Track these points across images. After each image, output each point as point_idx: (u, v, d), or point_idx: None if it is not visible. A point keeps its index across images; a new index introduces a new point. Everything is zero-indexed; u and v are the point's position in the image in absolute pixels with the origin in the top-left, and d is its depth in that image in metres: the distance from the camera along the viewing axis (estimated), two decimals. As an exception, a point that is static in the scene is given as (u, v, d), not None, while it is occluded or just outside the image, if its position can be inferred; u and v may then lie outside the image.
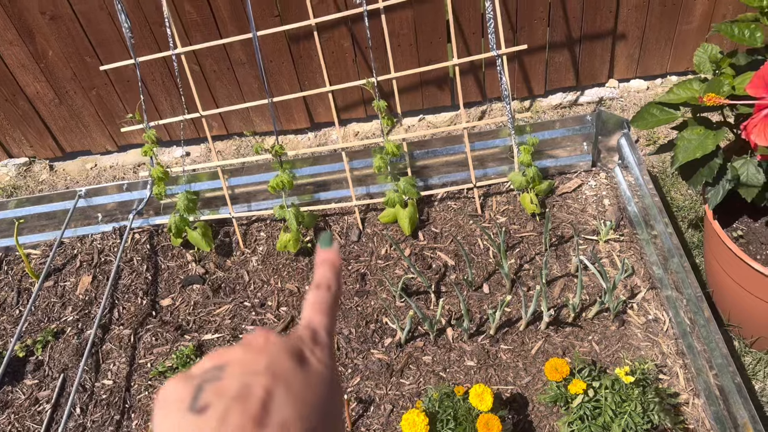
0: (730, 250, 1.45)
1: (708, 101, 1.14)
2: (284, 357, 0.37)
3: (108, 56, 2.35)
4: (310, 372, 0.37)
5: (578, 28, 2.36)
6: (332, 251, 0.46)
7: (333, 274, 0.45)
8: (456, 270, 1.83)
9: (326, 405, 0.37)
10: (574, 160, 2.01)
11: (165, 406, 0.35)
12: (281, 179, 1.88)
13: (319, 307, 0.42)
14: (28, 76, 2.41)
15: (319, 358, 0.38)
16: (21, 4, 2.19)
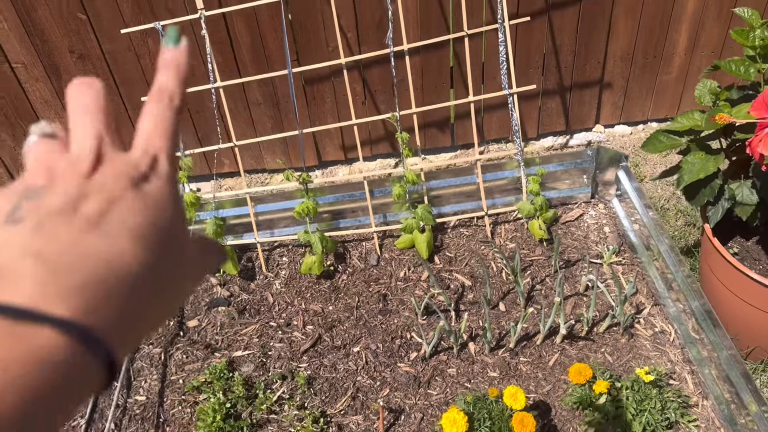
0: (730, 263, 1.62)
1: (720, 120, 1.33)
2: (115, 180, 0.33)
3: (130, 94, 2.47)
4: (144, 194, 0.33)
5: (569, 76, 2.59)
6: (180, 50, 0.39)
7: (178, 81, 0.38)
8: (473, 290, 1.95)
9: (163, 226, 0.33)
10: (574, 192, 2.18)
11: None
12: (307, 205, 1.99)
13: (162, 127, 0.37)
14: (50, 111, 2.50)
15: (156, 186, 0.34)
16: (52, 43, 2.31)
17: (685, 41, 2.51)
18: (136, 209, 0.32)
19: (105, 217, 0.31)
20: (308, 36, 2.35)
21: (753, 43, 1.40)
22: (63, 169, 0.33)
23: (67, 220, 0.30)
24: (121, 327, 0.30)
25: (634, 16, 2.43)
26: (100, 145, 0.35)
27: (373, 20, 2.33)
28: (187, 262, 0.36)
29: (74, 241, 0.30)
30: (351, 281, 2.04)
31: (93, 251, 0.30)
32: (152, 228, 0.33)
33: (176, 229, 0.35)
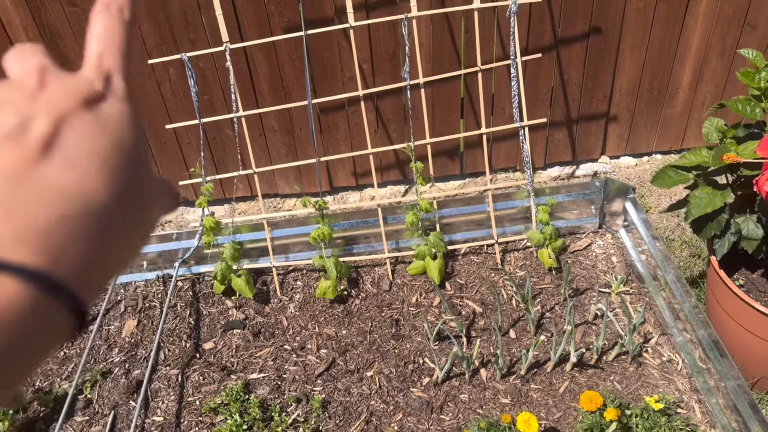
0: (736, 295, 1.66)
1: (728, 160, 1.39)
2: (66, 99, 0.30)
3: (149, 120, 2.53)
4: (102, 118, 0.30)
5: (576, 109, 2.66)
6: None
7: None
8: (484, 317, 2.00)
9: (124, 150, 0.31)
10: (582, 222, 2.24)
11: None
12: (322, 231, 2.05)
13: (113, 42, 0.33)
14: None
15: (113, 106, 0.32)
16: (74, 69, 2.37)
17: (689, 77, 2.59)
18: (95, 132, 0.30)
19: (59, 141, 0.28)
20: (324, 67, 2.43)
21: (758, 85, 1.47)
22: (3, 93, 0.30)
23: (17, 146, 0.27)
24: (87, 269, 0.28)
25: (639, 52, 2.51)
26: (43, 67, 0.32)
27: (387, 53, 2.41)
28: (149, 195, 0.33)
29: (29, 171, 0.27)
30: (364, 306, 2.08)
31: (53, 183, 0.27)
32: (115, 152, 0.30)
33: (139, 154, 0.32)
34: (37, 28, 2.26)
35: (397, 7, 2.30)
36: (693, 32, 2.47)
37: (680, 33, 2.47)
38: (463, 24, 2.37)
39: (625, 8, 2.38)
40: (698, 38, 2.49)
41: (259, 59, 2.38)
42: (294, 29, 2.29)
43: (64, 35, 2.29)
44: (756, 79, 1.48)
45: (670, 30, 2.46)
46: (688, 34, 2.48)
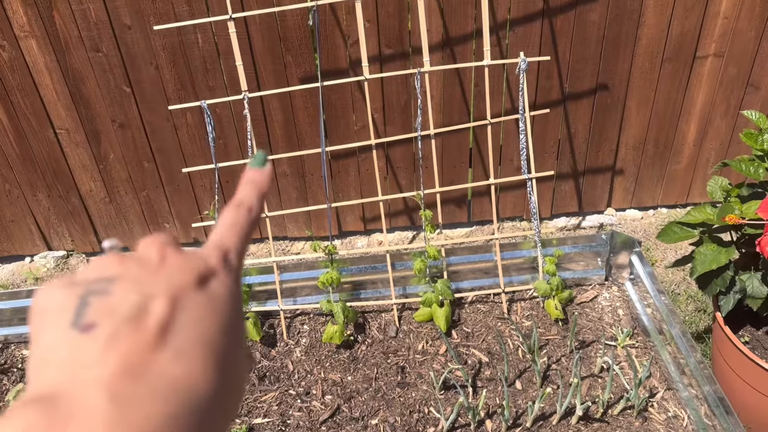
0: (742, 352, 1.67)
1: (730, 221, 1.42)
2: (182, 278, 0.31)
3: (165, 162, 2.59)
4: (212, 297, 0.32)
5: (583, 162, 2.71)
6: (264, 173, 0.41)
7: (258, 196, 0.39)
8: (490, 366, 2.00)
9: (227, 332, 0.31)
10: (588, 273, 2.26)
11: (42, 317, 0.29)
12: (331, 276, 2.07)
13: (236, 229, 0.37)
14: (86, 175, 2.63)
15: (224, 282, 0.33)
16: (95, 111, 2.45)
17: (695, 134, 2.64)
18: (205, 314, 0.31)
19: (174, 325, 0.29)
20: (337, 116, 2.49)
21: (761, 146, 1.51)
22: (129, 264, 0.32)
23: (137, 331, 0.28)
24: None
25: (645, 108, 2.57)
26: (164, 242, 0.34)
27: (399, 104, 2.47)
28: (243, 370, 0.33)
29: (146, 361, 0.27)
30: (370, 352, 2.09)
31: (165, 376, 0.28)
32: (219, 335, 0.31)
33: (238, 333, 0.33)
34: (61, 71, 2.34)
35: (410, 60, 2.38)
36: (697, 91, 2.53)
37: (685, 91, 2.53)
38: (473, 77, 2.44)
39: (632, 67, 2.45)
40: (703, 97, 2.55)
41: (275, 107, 2.44)
42: (310, 79, 2.37)
43: (87, 79, 2.36)
44: (759, 140, 1.52)
45: (675, 88, 2.52)
46: (692, 93, 2.54)
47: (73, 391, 0.26)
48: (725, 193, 1.60)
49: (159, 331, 0.28)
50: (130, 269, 0.31)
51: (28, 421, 0.25)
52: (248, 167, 0.41)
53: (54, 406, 0.25)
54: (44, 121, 2.46)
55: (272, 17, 2.25)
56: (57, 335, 0.28)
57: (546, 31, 2.36)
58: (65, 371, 0.27)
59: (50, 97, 2.40)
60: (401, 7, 2.28)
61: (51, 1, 2.21)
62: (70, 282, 0.31)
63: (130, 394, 0.26)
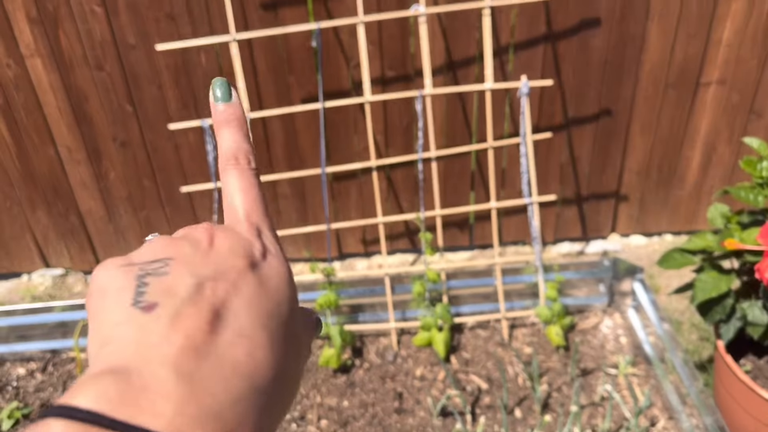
0: (743, 382, 1.64)
1: (729, 246, 1.40)
2: (233, 261, 0.31)
3: (165, 181, 2.59)
4: (263, 280, 0.32)
5: (586, 187, 2.69)
6: (235, 106, 0.38)
7: (246, 138, 0.37)
8: (489, 393, 1.97)
9: (282, 311, 0.31)
10: (591, 300, 2.23)
11: (102, 296, 0.29)
12: (329, 298, 2.05)
13: (252, 194, 0.36)
14: (86, 193, 2.62)
15: (270, 264, 0.33)
16: (96, 129, 2.46)
17: (699, 160, 2.63)
18: (260, 296, 0.31)
19: (231, 306, 0.29)
20: (339, 137, 2.49)
21: (760, 174, 1.50)
22: (182, 246, 0.32)
23: (197, 312, 0.28)
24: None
25: (649, 133, 2.56)
26: (210, 225, 0.34)
27: (401, 126, 2.47)
28: (302, 348, 0.33)
29: (208, 341, 0.27)
30: (367, 377, 2.06)
31: (227, 356, 0.27)
32: (277, 319, 0.31)
33: (294, 313, 0.33)
34: (65, 89, 2.36)
35: (413, 82, 2.38)
36: (701, 118, 2.52)
37: (688, 118, 2.52)
38: (476, 100, 2.44)
39: (635, 92, 2.45)
40: (706, 124, 2.54)
41: (276, 127, 2.44)
42: (312, 100, 2.37)
43: (90, 98, 2.37)
44: (758, 168, 1.51)
45: (678, 114, 2.51)
46: (696, 119, 2.53)
47: (142, 366, 0.26)
48: (725, 220, 1.58)
49: (217, 313, 0.28)
50: (184, 251, 0.31)
51: (103, 388, 0.25)
52: (213, 103, 0.38)
53: (127, 377, 0.25)
54: (46, 138, 2.47)
55: (276, 39, 2.26)
56: (119, 314, 0.28)
57: (549, 55, 2.36)
58: (131, 348, 0.27)
59: (53, 114, 2.41)
60: (404, 30, 2.29)
61: (57, 21, 2.23)
62: (127, 262, 0.31)
63: (196, 372, 0.26)
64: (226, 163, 0.36)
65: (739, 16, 2.31)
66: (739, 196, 1.58)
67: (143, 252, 0.32)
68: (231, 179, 0.36)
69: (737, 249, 1.46)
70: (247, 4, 2.21)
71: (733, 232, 1.57)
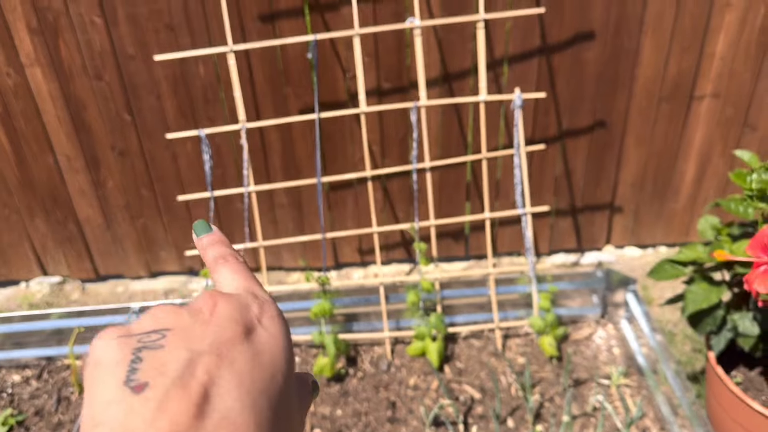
0: (733, 393, 1.64)
1: (718, 257, 1.41)
2: (231, 329, 0.32)
3: (163, 190, 2.61)
4: (257, 345, 0.32)
5: (580, 199, 2.71)
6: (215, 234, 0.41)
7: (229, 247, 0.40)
8: (482, 403, 1.97)
9: (276, 383, 0.32)
10: (584, 311, 2.24)
11: (97, 368, 0.30)
12: (323, 307, 2.06)
13: (244, 274, 0.37)
14: (84, 201, 2.64)
15: (266, 326, 0.34)
16: (95, 138, 2.48)
17: (693, 172, 2.64)
18: (254, 369, 0.31)
19: (222, 385, 0.29)
20: (335, 147, 2.51)
21: (750, 186, 1.51)
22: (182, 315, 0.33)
23: (184, 394, 0.28)
24: None
25: (643, 146, 2.57)
26: (217, 295, 0.35)
27: (397, 137, 2.49)
28: (294, 424, 0.33)
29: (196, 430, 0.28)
30: (361, 386, 2.07)
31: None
32: (269, 395, 0.31)
33: (289, 382, 0.33)
34: (64, 98, 2.38)
35: (409, 94, 2.40)
36: (695, 131, 2.54)
37: (682, 131, 2.54)
38: (471, 112, 2.47)
39: (629, 105, 2.47)
40: (700, 136, 2.56)
41: (274, 137, 2.47)
42: (308, 111, 2.39)
43: (89, 107, 2.40)
44: (748, 180, 1.52)
45: (672, 127, 2.53)
46: (690, 132, 2.55)
47: None
48: (716, 231, 1.59)
49: (206, 395, 0.29)
50: (182, 322, 0.32)
51: None
52: (197, 239, 0.41)
53: None
54: (45, 146, 2.49)
55: (273, 50, 2.29)
56: (111, 392, 0.29)
57: (543, 68, 2.38)
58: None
59: (52, 123, 2.43)
60: (400, 42, 2.32)
61: (57, 31, 2.26)
62: (126, 333, 0.32)
63: None
64: (214, 263, 0.39)
65: (732, 29, 2.34)
66: (729, 208, 1.59)
67: (143, 321, 0.33)
68: (223, 270, 0.38)
69: (727, 260, 1.48)
70: (245, 15, 2.24)
71: (724, 243, 1.58)
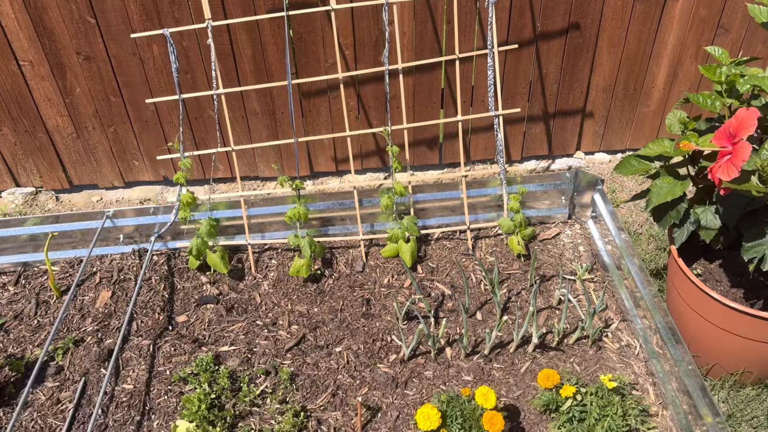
0: (693, 283, 1.72)
1: (683, 147, 1.45)
2: None
3: (132, 96, 2.56)
4: None
5: (553, 104, 2.72)
6: None
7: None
8: (452, 299, 2.05)
9: None
10: (552, 212, 2.30)
11: None
12: (298, 211, 2.09)
13: None
14: (52, 109, 2.58)
15: None
16: (60, 43, 2.40)
17: (665, 76, 2.65)
18: None
19: None
20: (307, 51, 2.47)
21: (720, 79, 1.53)
22: None
23: None
24: None
25: (616, 49, 2.57)
26: None
27: (371, 40, 2.45)
28: None
29: None
30: (336, 285, 2.13)
31: None
32: None
33: None
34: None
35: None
36: (668, 32, 2.53)
37: (656, 33, 2.53)
38: (446, 14, 2.42)
39: (603, 7, 2.44)
40: (673, 38, 2.55)
41: (243, 40, 2.41)
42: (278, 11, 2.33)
43: (49, 8, 2.30)
44: (717, 73, 1.54)
45: (646, 29, 2.52)
46: (663, 34, 2.54)
47: None
48: (683, 126, 1.62)
49: None
50: None
51: None
52: None
53: None
54: (7, 52, 2.41)
55: (239, -54, 2.20)
56: None
57: (518, -33, 2.33)
58: None
59: (12, 27, 2.34)
60: (372, -62, 2.24)
61: (9, -75, 2.14)
62: None
63: None
64: None
65: (709, -73, 2.29)
66: (698, 101, 1.62)
67: None
68: None
69: (693, 152, 1.51)
70: None
71: (690, 138, 1.61)
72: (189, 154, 2.09)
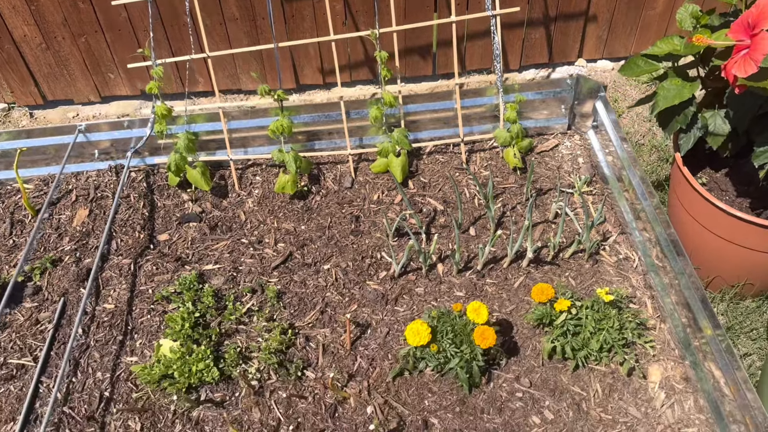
0: (698, 192, 1.64)
1: (697, 41, 1.32)
2: None
3: (102, 2, 2.38)
4: None
5: (555, 6, 2.54)
6: None
7: None
8: (444, 214, 1.96)
9: None
10: (551, 122, 2.18)
11: None
12: (281, 123, 1.97)
13: None
14: (18, 18, 2.41)
15: None
16: None
17: (673, -25, 2.48)
18: None
19: None
20: (288, -51, 2.28)
21: (737, -33, 1.39)
22: None
23: None
24: None
25: (623, -55, 2.38)
26: None
27: (357, -64, 2.25)
28: None
29: None
30: (324, 202, 2.04)
31: None
32: None
33: None
34: None
35: None
36: (680, -75, 2.34)
37: (667, -75, 2.34)
38: None
39: None
40: (685, -68, 2.35)
41: (218, -62, 2.21)
42: None
43: None
44: (735, -41, 1.39)
45: None
46: (675, -73, 2.34)
47: None
48: (695, 20, 1.49)
49: None
50: None
51: None
52: None
53: None
54: (-39, -47, 2.22)
55: None
56: None
57: None
58: None
59: (-36, -76, 2.14)
60: None
61: None
62: None
63: None
64: None
65: None
66: (709, -5, 1.47)
67: None
68: None
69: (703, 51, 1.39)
70: None
71: (703, 32, 1.48)
72: (161, 61, 1.95)
